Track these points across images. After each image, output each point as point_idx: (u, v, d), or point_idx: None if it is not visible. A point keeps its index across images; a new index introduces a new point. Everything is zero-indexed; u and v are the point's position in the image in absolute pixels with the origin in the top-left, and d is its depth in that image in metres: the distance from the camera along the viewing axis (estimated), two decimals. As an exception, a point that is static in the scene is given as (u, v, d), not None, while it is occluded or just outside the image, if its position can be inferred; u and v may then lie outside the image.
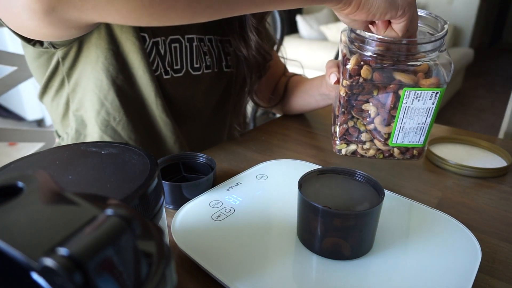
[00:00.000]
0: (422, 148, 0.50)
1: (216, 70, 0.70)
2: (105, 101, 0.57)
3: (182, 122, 0.67)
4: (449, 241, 0.38)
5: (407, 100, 0.45)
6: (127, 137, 0.60)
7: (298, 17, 3.20)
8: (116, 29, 0.55)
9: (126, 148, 0.31)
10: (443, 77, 0.44)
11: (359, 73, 0.45)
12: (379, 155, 0.51)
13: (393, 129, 0.48)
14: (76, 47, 0.55)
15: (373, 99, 0.47)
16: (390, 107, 0.46)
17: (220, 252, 0.36)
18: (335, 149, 0.52)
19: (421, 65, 0.44)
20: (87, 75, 0.57)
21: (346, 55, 0.46)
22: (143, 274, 0.14)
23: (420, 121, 0.47)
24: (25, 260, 0.12)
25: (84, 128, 0.62)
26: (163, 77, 0.61)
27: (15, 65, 0.75)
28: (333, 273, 0.33)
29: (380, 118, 0.48)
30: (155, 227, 0.17)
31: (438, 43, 0.44)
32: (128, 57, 0.56)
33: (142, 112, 0.61)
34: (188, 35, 0.64)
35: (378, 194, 0.36)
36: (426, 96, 0.45)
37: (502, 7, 6.14)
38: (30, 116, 2.56)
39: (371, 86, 0.46)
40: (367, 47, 0.44)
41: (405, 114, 0.46)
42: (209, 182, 0.47)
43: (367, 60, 0.44)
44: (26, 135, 0.82)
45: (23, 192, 0.16)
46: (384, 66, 0.44)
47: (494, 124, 3.06)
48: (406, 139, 0.48)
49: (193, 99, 0.67)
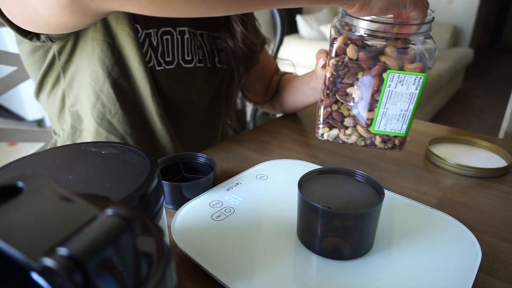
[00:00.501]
0: (404, 137, 0.50)
1: (209, 65, 0.70)
2: (101, 94, 0.58)
3: (178, 118, 0.68)
4: (449, 241, 0.38)
5: (390, 84, 0.46)
6: (122, 130, 0.61)
7: (298, 17, 3.20)
8: (111, 21, 0.56)
9: (126, 148, 0.31)
10: (427, 63, 0.45)
11: (345, 51, 0.46)
12: (360, 142, 0.51)
13: (376, 114, 0.48)
14: (72, 40, 0.56)
15: (357, 82, 0.48)
16: (374, 90, 0.47)
17: (220, 252, 0.36)
18: (318, 134, 0.53)
19: (407, 49, 0.45)
20: (83, 69, 0.57)
21: (335, 36, 0.47)
22: (143, 274, 0.14)
23: (403, 108, 0.47)
24: (25, 260, 0.12)
25: (80, 123, 0.62)
26: (156, 69, 0.61)
27: (15, 65, 0.75)
28: (333, 273, 0.33)
29: (364, 102, 0.48)
30: (155, 227, 0.17)
31: (424, 27, 0.45)
32: (124, 49, 0.57)
33: (137, 105, 0.61)
34: (180, 28, 0.65)
35: (378, 194, 0.36)
36: (409, 81, 0.46)
37: (502, 7, 6.14)
38: (30, 116, 2.56)
39: (356, 67, 0.47)
40: (356, 26, 0.45)
41: (388, 98, 0.47)
42: (209, 182, 0.47)
43: (354, 40, 0.45)
44: (26, 135, 0.82)
45: (23, 192, 0.16)
46: (370, 46, 0.45)
47: (494, 124, 3.06)
48: (388, 126, 0.49)
49: (188, 94, 0.68)
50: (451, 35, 3.82)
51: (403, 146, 0.51)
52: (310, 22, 3.22)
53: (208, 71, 0.70)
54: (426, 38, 0.46)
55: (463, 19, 4.53)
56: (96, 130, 0.60)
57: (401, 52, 0.45)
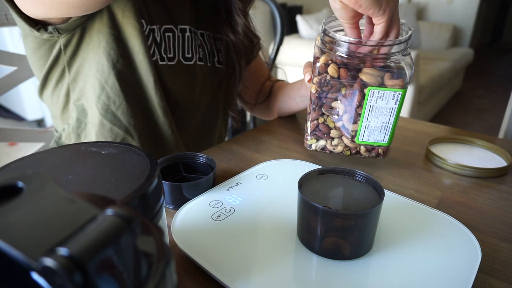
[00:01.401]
0: (387, 147, 0.53)
1: (210, 64, 0.72)
2: (106, 85, 0.59)
3: (179, 114, 0.69)
4: (449, 241, 0.38)
5: (371, 99, 0.49)
6: (126, 122, 0.61)
7: (298, 17, 3.20)
8: (118, 14, 0.57)
9: (126, 148, 0.31)
10: (406, 79, 0.48)
11: (327, 70, 0.48)
12: (346, 152, 0.55)
13: (359, 126, 0.51)
14: (79, 33, 0.57)
15: (341, 97, 0.50)
16: (356, 105, 0.50)
17: (220, 252, 0.36)
18: (306, 144, 0.56)
19: (386, 67, 0.48)
20: (88, 62, 0.58)
21: (317, 55, 0.50)
22: (143, 274, 0.14)
23: (384, 120, 0.50)
24: (25, 260, 0.12)
25: (85, 117, 0.63)
26: (159, 63, 0.62)
27: (15, 65, 0.75)
28: (333, 273, 0.33)
29: (348, 115, 0.51)
30: (155, 227, 0.17)
31: (402, 46, 0.47)
32: (129, 42, 0.58)
33: (141, 97, 0.62)
34: (181, 26, 0.66)
35: (378, 194, 0.36)
36: (389, 96, 0.48)
37: (502, 7, 6.14)
38: (30, 116, 2.56)
39: (339, 84, 0.49)
40: (337, 47, 0.48)
41: (370, 112, 0.50)
42: (209, 182, 0.47)
43: (334, 59, 0.48)
44: (26, 135, 0.82)
45: (23, 192, 0.16)
46: (350, 66, 0.48)
47: (494, 124, 3.06)
48: (372, 137, 0.52)
49: (190, 91, 0.69)
50: (451, 35, 3.82)
51: (387, 154, 0.54)
52: (310, 22, 3.22)
53: (208, 70, 0.72)
54: (404, 55, 0.48)
55: (463, 19, 4.53)
56: (100, 122, 0.61)
57: (381, 69, 0.48)
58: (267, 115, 0.85)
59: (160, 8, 0.63)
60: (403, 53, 0.48)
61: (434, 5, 4.59)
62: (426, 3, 4.60)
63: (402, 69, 0.48)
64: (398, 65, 0.48)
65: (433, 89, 2.82)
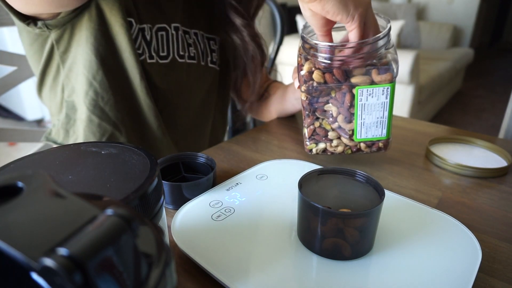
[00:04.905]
0: (386, 140, 0.53)
1: (203, 63, 0.72)
2: (94, 81, 0.59)
3: (170, 112, 0.69)
4: (449, 241, 0.38)
5: (361, 98, 0.49)
6: (114, 117, 0.62)
7: (298, 17, 3.19)
8: (106, 12, 0.57)
9: (126, 148, 0.31)
10: (394, 73, 0.48)
11: (312, 78, 0.48)
12: (347, 151, 0.54)
13: (355, 125, 0.51)
14: (69, 29, 0.57)
15: (332, 100, 0.50)
16: (348, 105, 0.50)
17: (220, 252, 0.36)
18: (306, 150, 0.56)
19: (371, 64, 0.48)
20: (78, 58, 0.59)
21: (301, 63, 0.49)
22: (143, 274, 0.14)
23: (379, 116, 0.50)
24: (25, 260, 0.12)
25: (74, 113, 0.63)
26: (147, 61, 0.63)
27: (15, 65, 0.75)
28: (333, 273, 0.33)
29: (342, 116, 0.51)
30: (155, 227, 0.17)
31: (382, 41, 0.47)
32: (116, 39, 0.59)
33: (128, 94, 0.63)
34: (174, 24, 0.66)
35: (378, 194, 0.36)
36: (378, 92, 0.48)
37: (502, 7, 6.14)
38: (30, 116, 2.56)
39: (327, 88, 0.49)
40: (318, 54, 0.48)
41: (363, 110, 0.50)
42: (209, 182, 0.47)
43: (317, 66, 0.48)
44: (26, 135, 0.82)
45: (23, 192, 0.16)
46: (334, 69, 0.48)
47: (494, 124, 3.06)
48: (369, 133, 0.52)
49: (180, 88, 0.69)
50: (451, 35, 3.82)
51: (388, 146, 0.54)
52: (310, 22, 3.21)
53: (201, 69, 0.72)
54: (387, 49, 0.48)
55: (463, 19, 4.53)
56: (88, 117, 0.61)
57: (367, 68, 0.48)
58: (263, 115, 0.85)
59: (152, 6, 0.63)
60: (385, 47, 0.48)
61: (434, 5, 4.60)
62: (426, 3, 4.60)
63: (388, 63, 0.47)
64: (384, 61, 0.48)
65: (433, 89, 2.82)
